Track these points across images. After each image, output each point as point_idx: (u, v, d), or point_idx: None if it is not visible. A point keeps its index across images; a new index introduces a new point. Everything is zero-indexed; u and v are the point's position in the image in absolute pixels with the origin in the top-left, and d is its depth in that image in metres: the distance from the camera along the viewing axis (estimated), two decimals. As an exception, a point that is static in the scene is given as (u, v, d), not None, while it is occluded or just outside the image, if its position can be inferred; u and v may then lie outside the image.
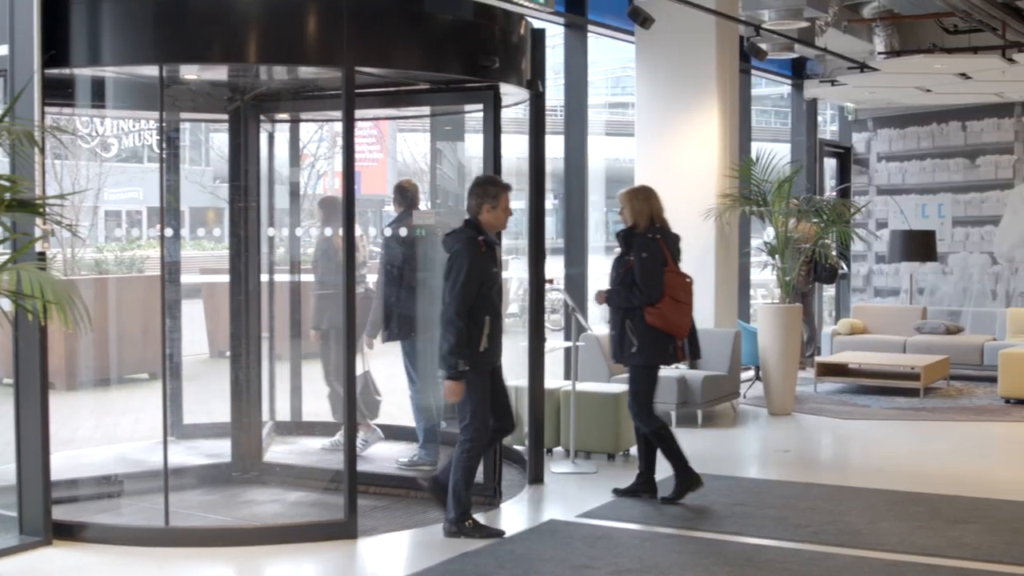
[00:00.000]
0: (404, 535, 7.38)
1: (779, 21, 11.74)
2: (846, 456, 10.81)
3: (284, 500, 8.17)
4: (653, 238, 8.10)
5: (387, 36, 7.43)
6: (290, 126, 9.77)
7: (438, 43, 7.72)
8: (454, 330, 7.05)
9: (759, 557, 6.85)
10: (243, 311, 8.90)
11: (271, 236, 9.21)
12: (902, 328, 14.95)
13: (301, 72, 8.22)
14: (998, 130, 17.78)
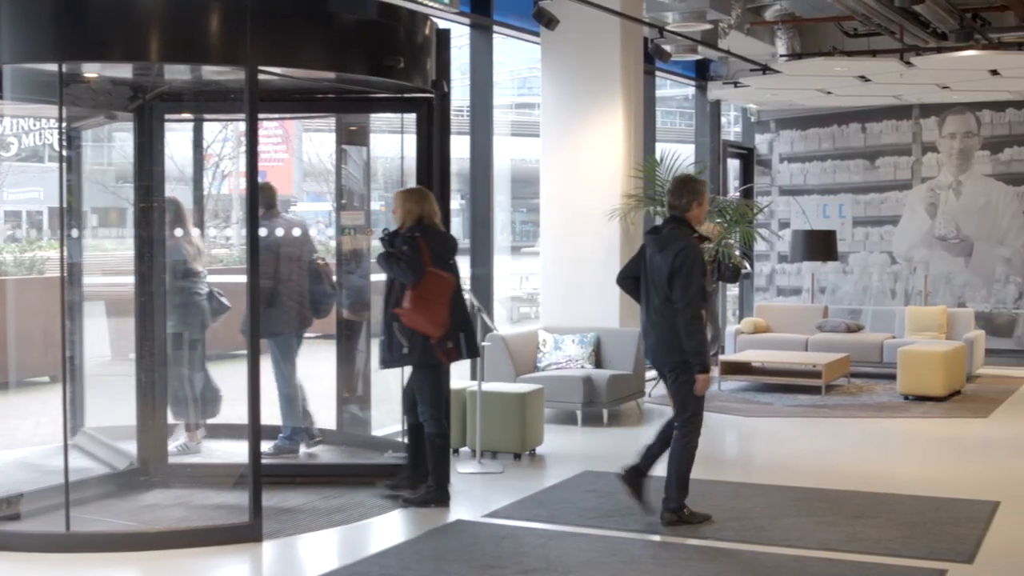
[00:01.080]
0: (310, 537, 7.33)
1: (683, 23, 11.86)
2: (749, 453, 10.93)
3: (188, 503, 8.08)
4: (411, 236, 8.05)
5: (291, 35, 7.38)
6: (194, 125, 9.68)
7: (343, 43, 7.68)
8: (698, 325, 7.34)
9: (664, 554, 6.91)
10: (146, 312, 8.78)
11: (178, 236, 9.10)
12: (804, 327, 15.15)
13: (207, 71, 8.13)
14: (897, 132, 18.10)
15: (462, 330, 8.16)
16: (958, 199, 17.75)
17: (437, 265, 8.04)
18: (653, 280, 7.54)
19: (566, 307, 12.20)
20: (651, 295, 7.58)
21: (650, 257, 7.59)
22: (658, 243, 7.51)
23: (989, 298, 17.52)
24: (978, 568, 6.73)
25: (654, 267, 7.53)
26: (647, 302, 7.64)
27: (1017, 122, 17.41)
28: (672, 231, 7.51)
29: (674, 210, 7.59)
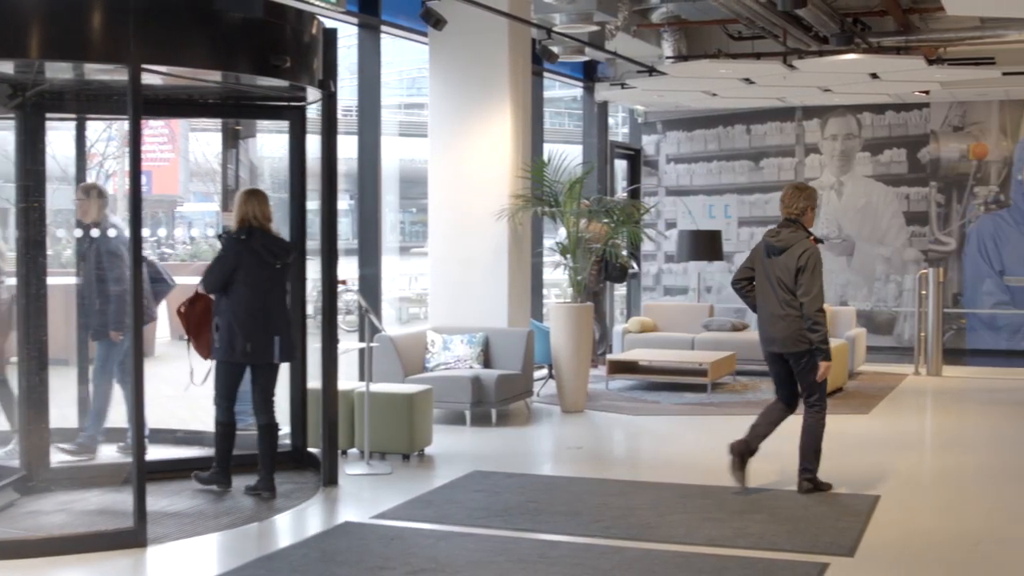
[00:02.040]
0: (196, 541, 7.25)
1: (570, 25, 11.92)
2: (637, 451, 11.03)
3: (71, 509, 7.94)
4: (235, 238, 8.27)
5: (176, 33, 7.28)
6: (77, 124, 9.52)
7: (228, 41, 7.60)
8: (822, 319, 8.30)
9: (552, 553, 6.94)
10: (28, 315, 8.62)
11: (60, 237, 8.97)
12: (690, 325, 15.31)
13: (90, 69, 8.00)
14: (780, 133, 18.40)
15: (277, 333, 8.29)
16: (840, 200, 18.09)
17: (263, 267, 8.23)
18: (776, 278, 8.37)
19: (455, 307, 12.20)
20: (774, 292, 8.39)
21: (770, 258, 8.45)
22: (780, 245, 8.40)
23: (870, 297, 17.88)
24: (859, 561, 6.87)
25: (777, 266, 8.37)
26: (768, 299, 8.44)
27: (896, 124, 17.80)
28: (792, 234, 8.41)
29: (790, 214, 8.50)
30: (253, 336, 8.21)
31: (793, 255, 8.30)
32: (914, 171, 17.77)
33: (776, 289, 8.37)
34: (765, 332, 8.56)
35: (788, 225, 8.50)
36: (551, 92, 18.51)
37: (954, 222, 17.62)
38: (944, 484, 9.26)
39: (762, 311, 8.56)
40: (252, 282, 8.22)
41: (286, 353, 8.40)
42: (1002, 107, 17.33)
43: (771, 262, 8.41)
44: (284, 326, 8.38)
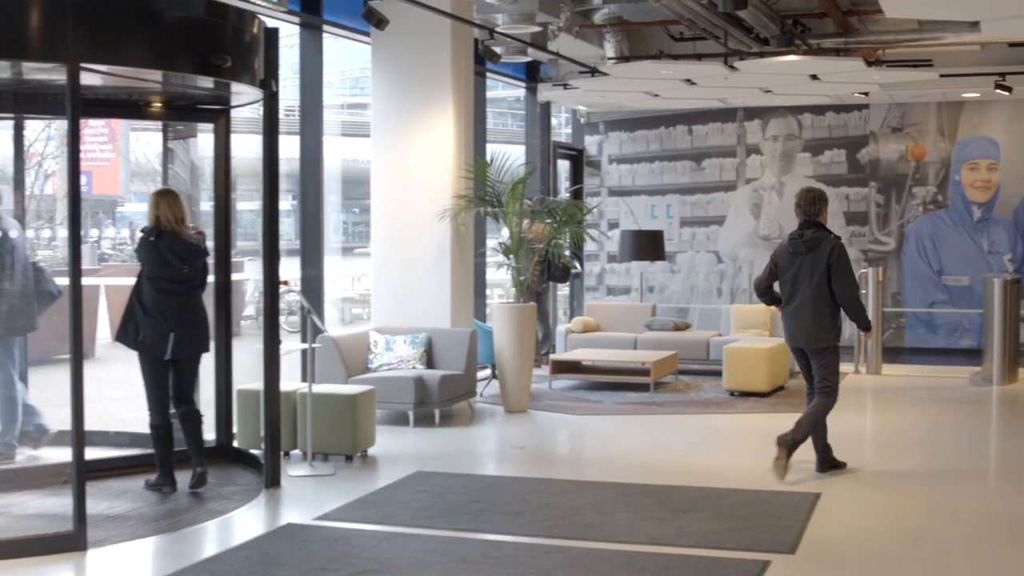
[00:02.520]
0: (138, 544, 7.19)
1: (512, 25, 11.93)
2: (580, 451, 11.06)
3: (9, 513, 7.86)
4: (145, 239, 8.43)
5: (115, 32, 7.22)
6: (15, 123, 9.43)
7: (169, 40, 7.55)
8: (860, 302, 9.20)
9: (495, 553, 6.95)
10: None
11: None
12: (633, 325, 15.37)
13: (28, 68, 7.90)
14: (722, 134, 18.51)
15: (173, 331, 8.37)
16: (781, 200, 18.22)
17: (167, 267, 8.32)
18: (804, 276, 9.03)
19: (397, 308, 12.18)
20: (800, 290, 9.06)
21: (795, 262, 9.08)
22: (806, 245, 9.04)
23: (810, 296, 17.98)
24: (800, 558, 6.93)
25: (807, 264, 9.02)
26: (793, 299, 9.10)
27: (836, 125, 17.96)
28: (816, 234, 9.07)
29: (809, 216, 9.16)
30: (148, 330, 8.33)
31: (823, 253, 8.98)
32: (854, 172, 17.94)
33: (801, 288, 9.06)
34: (791, 328, 9.24)
35: (809, 226, 9.14)
36: (494, 92, 18.52)
37: (893, 222, 17.80)
38: (884, 481, 9.34)
39: (789, 308, 9.21)
40: (155, 281, 8.34)
41: (179, 349, 8.41)
42: (940, 108, 17.53)
43: (800, 260, 9.06)
44: (188, 325, 8.45)
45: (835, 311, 9.09)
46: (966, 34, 13.96)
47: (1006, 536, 7.61)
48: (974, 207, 17.53)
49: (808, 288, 9.01)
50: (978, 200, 17.51)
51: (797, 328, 9.16)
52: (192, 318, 8.51)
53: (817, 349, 9.12)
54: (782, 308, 9.31)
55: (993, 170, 17.45)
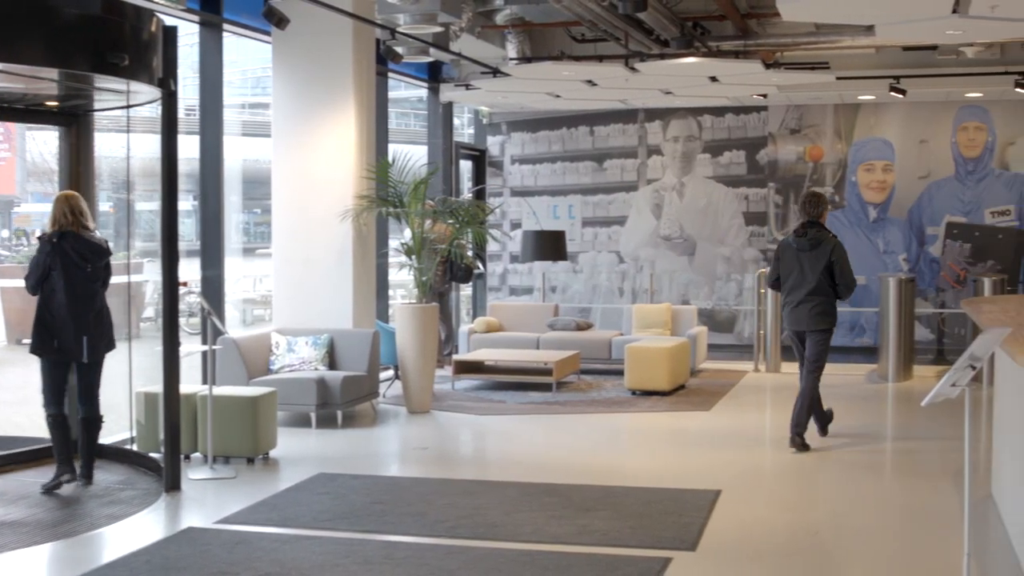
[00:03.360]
0: (34, 551, 7.07)
1: (414, 25, 11.88)
2: (483, 451, 11.07)
3: (-101, 520, 7.70)
4: (47, 240, 8.44)
5: (10, 29, 7.10)
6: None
7: (65, 38, 7.45)
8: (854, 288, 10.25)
9: (398, 554, 6.94)
10: None
11: None
12: (535, 325, 15.42)
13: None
14: (623, 135, 18.64)
15: (86, 333, 8.41)
16: (681, 200, 18.41)
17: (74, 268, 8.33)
18: (810, 270, 10.12)
19: (299, 309, 12.10)
20: (805, 282, 10.15)
21: (800, 256, 10.19)
22: (809, 243, 10.15)
23: (711, 295, 18.23)
24: (700, 554, 7.00)
25: (808, 260, 10.14)
26: (800, 287, 10.17)
27: (736, 127, 18.18)
28: (819, 233, 10.17)
29: (811, 217, 10.27)
30: (63, 335, 8.34)
31: (825, 250, 10.12)
32: (753, 172, 18.17)
33: (809, 279, 10.15)
34: (794, 314, 10.30)
35: (812, 226, 10.26)
36: (396, 92, 18.47)
37: (792, 222, 18.04)
38: (783, 477, 9.48)
39: (790, 299, 10.32)
40: (63, 283, 8.33)
41: (94, 352, 8.47)
42: (837, 110, 17.82)
43: (804, 256, 10.19)
44: (94, 326, 8.46)
45: (833, 299, 10.21)
46: (862, 37, 14.20)
47: (902, 529, 7.76)
48: (870, 207, 17.85)
49: (812, 280, 10.12)
50: (874, 201, 17.83)
51: (800, 314, 10.23)
52: (98, 319, 8.49)
53: (817, 331, 10.21)
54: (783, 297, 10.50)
55: (888, 171, 17.78)
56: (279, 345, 11.52)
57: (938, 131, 17.60)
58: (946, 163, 17.58)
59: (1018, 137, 17.33)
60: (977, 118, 17.49)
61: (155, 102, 8.76)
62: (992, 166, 17.45)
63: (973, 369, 5.20)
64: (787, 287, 10.34)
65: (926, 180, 17.63)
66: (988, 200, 17.46)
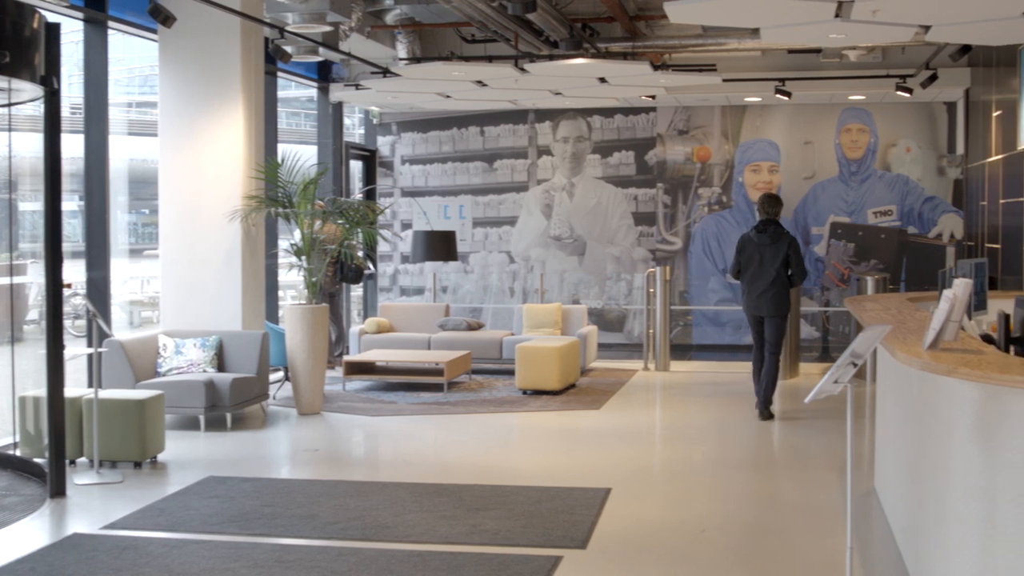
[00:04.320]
0: (-89, 559, 6.93)
1: (303, 25, 11.84)
2: (374, 452, 11.05)
3: None
4: None
5: None
6: None
7: (-58, 35, 7.30)
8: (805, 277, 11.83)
9: (288, 557, 6.90)
10: None
11: None
12: (427, 326, 15.42)
13: None
14: (514, 135, 18.70)
15: None
16: (571, 200, 18.52)
17: None
18: (769, 262, 11.58)
19: (187, 310, 11.97)
20: (765, 273, 11.61)
21: (761, 249, 11.62)
22: (770, 238, 11.60)
23: (601, 295, 18.36)
24: (591, 552, 7.06)
25: (769, 256, 11.58)
26: (760, 278, 11.63)
27: (625, 127, 18.33)
28: (776, 230, 11.67)
29: (771, 215, 11.75)
30: None
31: (783, 245, 11.61)
32: (642, 173, 18.34)
33: (770, 271, 11.57)
34: (753, 302, 11.77)
35: (770, 224, 11.70)
36: (286, 92, 18.34)
37: (680, 222, 18.26)
38: (672, 475, 9.59)
39: (752, 287, 11.74)
40: None
41: None
42: (723, 112, 18.05)
43: (764, 250, 11.61)
44: None
45: (788, 288, 11.68)
46: (747, 40, 14.43)
47: (788, 523, 7.89)
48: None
49: (772, 271, 11.57)
50: (760, 201, 18.07)
51: (761, 301, 11.70)
52: None
53: (776, 316, 11.70)
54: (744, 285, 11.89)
55: (774, 172, 18.05)
56: (167, 347, 11.38)
57: (822, 133, 17.92)
58: (830, 164, 17.91)
59: (899, 139, 17.71)
60: (860, 120, 17.84)
61: (38, 100, 8.60)
62: (874, 167, 17.81)
63: (855, 366, 5.31)
64: (747, 277, 11.79)
65: (811, 181, 17.94)
66: (871, 200, 17.81)
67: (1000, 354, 5.36)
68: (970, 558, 5.13)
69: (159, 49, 12.14)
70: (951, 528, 5.44)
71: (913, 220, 17.75)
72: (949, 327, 5.36)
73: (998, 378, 4.63)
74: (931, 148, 17.65)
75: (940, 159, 17.61)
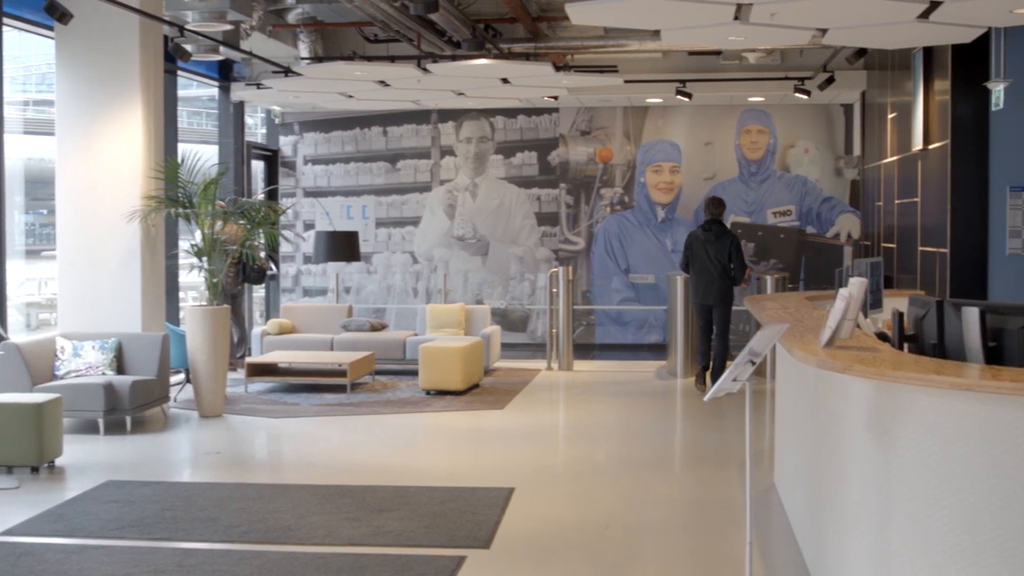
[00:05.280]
0: None
1: (203, 23, 11.72)
2: (277, 454, 10.98)
3: None
4: None
5: None
6: None
7: None
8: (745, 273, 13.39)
9: (189, 561, 6.83)
10: None
11: None
12: (330, 326, 15.35)
13: None
14: (417, 136, 18.69)
15: None
16: (474, 201, 18.55)
17: None
18: (713, 259, 13.23)
19: (85, 312, 11.80)
20: (710, 268, 13.28)
21: (705, 245, 13.26)
22: (714, 235, 13.26)
23: (505, 295, 18.40)
24: (494, 551, 7.08)
25: (713, 251, 13.22)
26: (706, 271, 13.31)
27: (528, 128, 18.40)
28: (720, 228, 13.34)
29: (715, 216, 13.38)
30: None
31: (725, 243, 13.26)
32: (545, 173, 18.42)
33: (714, 265, 13.25)
34: (701, 292, 13.45)
35: (715, 223, 13.34)
36: (187, 91, 18.14)
37: (583, 222, 18.36)
38: (576, 474, 9.64)
39: (699, 279, 13.42)
40: None
41: None
42: (625, 113, 18.19)
43: (709, 247, 13.24)
44: None
45: (730, 280, 13.28)
46: (648, 42, 14.55)
47: (689, 522, 7.98)
48: (658, 208, 18.27)
49: (717, 265, 13.25)
50: (662, 201, 18.26)
51: (708, 291, 13.37)
52: None
53: (721, 305, 13.34)
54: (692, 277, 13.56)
55: (675, 172, 18.23)
56: (64, 350, 11.21)
57: (722, 134, 18.13)
58: (730, 165, 18.13)
59: (798, 140, 17.98)
60: (759, 122, 18.07)
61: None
62: (774, 168, 18.06)
63: (753, 364, 5.38)
64: (695, 270, 13.48)
65: (712, 181, 18.13)
66: (770, 201, 18.06)
67: (894, 351, 5.47)
68: (867, 553, 5.23)
69: (56, 47, 11.96)
70: (848, 523, 5.54)
71: (812, 220, 18.03)
72: (845, 325, 5.45)
73: (892, 375, 4.72)
74: (829, 149, 17.94)
75: (838, 160, 17.91)
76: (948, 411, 4.63)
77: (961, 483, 4.58)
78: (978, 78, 11.49)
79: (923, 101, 12.73)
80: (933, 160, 12.46)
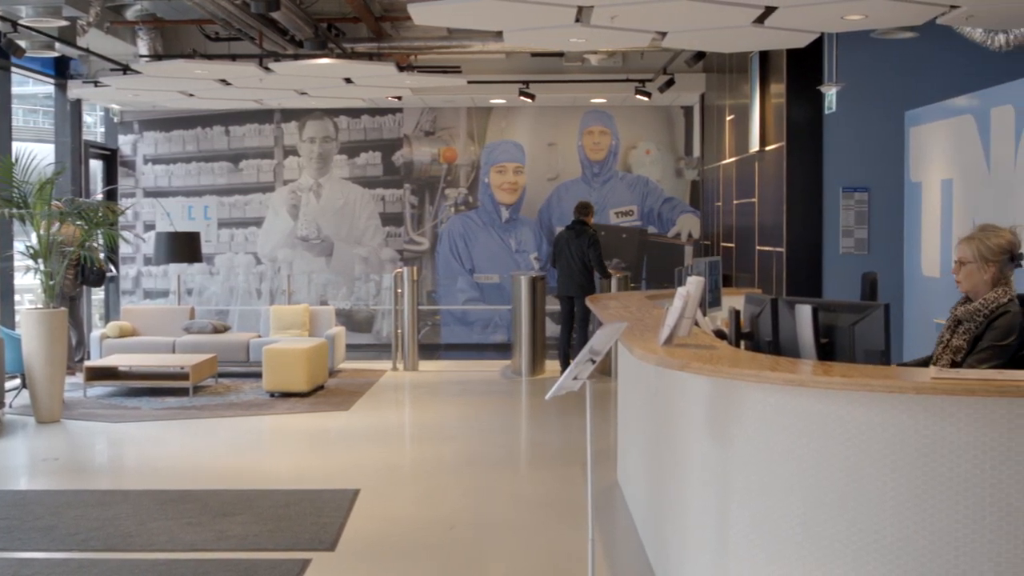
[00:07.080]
0: None
1: (37, 19, 11.45)
2: (118, 459, 10.78)
3: None
4: None
5: None
6: None
7: None
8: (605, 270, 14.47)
9: (26, 571, 6.67)
10: None
11: None
12: (171, 329, 15.10)
13: None
14: (259, 135, 18.51)
15: None
16: (318, 201, 18.44)
17: None
18: (574, 255, 14.28)
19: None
20: (571, 263, 14.32)
21: (568, 243, 14.32)
22: (575, 234, 14.31)
23: (350, 296, 18.33)
24: (340, 554, 7.06)
25: (574, 248, 14.26)
26: (569, 266, 14.33)
27: (372, 128, 18.36)
28: (581, 228, 14.35)
29: (580, 217, 14.47)
30: None
31: (584, 240, 14.25)
32: (389, 173, 18.40)
33: (575, 261, 14.29)
34: (564, 285, 14.44)
35: (577, 223, 14.43)
36: (22, 88, 17.68)
37: (427, 223, 18.38)
38: (422, 474, 9.66)
39: (563, 274, 14.45)
40: None
41: None
42: (469, 113, 18.27)
43: (569, 246, 14.32)
44: None
45: (592, 273, 14.28)
46: (492, 43, 14.62)
47: (534, 518, 8.04)
48: (502, 208, 18.38)
49: (578, 260, 14.27)
50: (506, 201, 18.37)
51: (570, 284, 14.37)
52: None
53: (581, 297, 13.41)
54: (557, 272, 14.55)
55: (519, 173, 18.36)
56: None
57: (566, 135, 18.32)
58: (573, 166, 18.33)
59: (640, 141, 18.25)
60: (602, 123, 18.31)
61: None
62: (616, 168, 18.31)
63: (593, 363, 5.45)
64: (560, 266, 14.50)
65: (555, 182, 18.31)
66: (613, 201, 18.31)
67: (731, 349, 5.60)
68: (706, 549, 5.35)
69: None
70: (689, 519, 5.66)
71: (653, 220, 18.32)
72: (683, 323, 5.56)
73: (729, 372, 4.83)
74: (670, 150, 18.25)
75: (678, 161, 18.24)
76: (782, 406, 4.76)
77: (796, 476, 4.72)
78: (812, 82, 11.83)
79: (760, 104, 13.04)
80: (769, 161, 12.78)
